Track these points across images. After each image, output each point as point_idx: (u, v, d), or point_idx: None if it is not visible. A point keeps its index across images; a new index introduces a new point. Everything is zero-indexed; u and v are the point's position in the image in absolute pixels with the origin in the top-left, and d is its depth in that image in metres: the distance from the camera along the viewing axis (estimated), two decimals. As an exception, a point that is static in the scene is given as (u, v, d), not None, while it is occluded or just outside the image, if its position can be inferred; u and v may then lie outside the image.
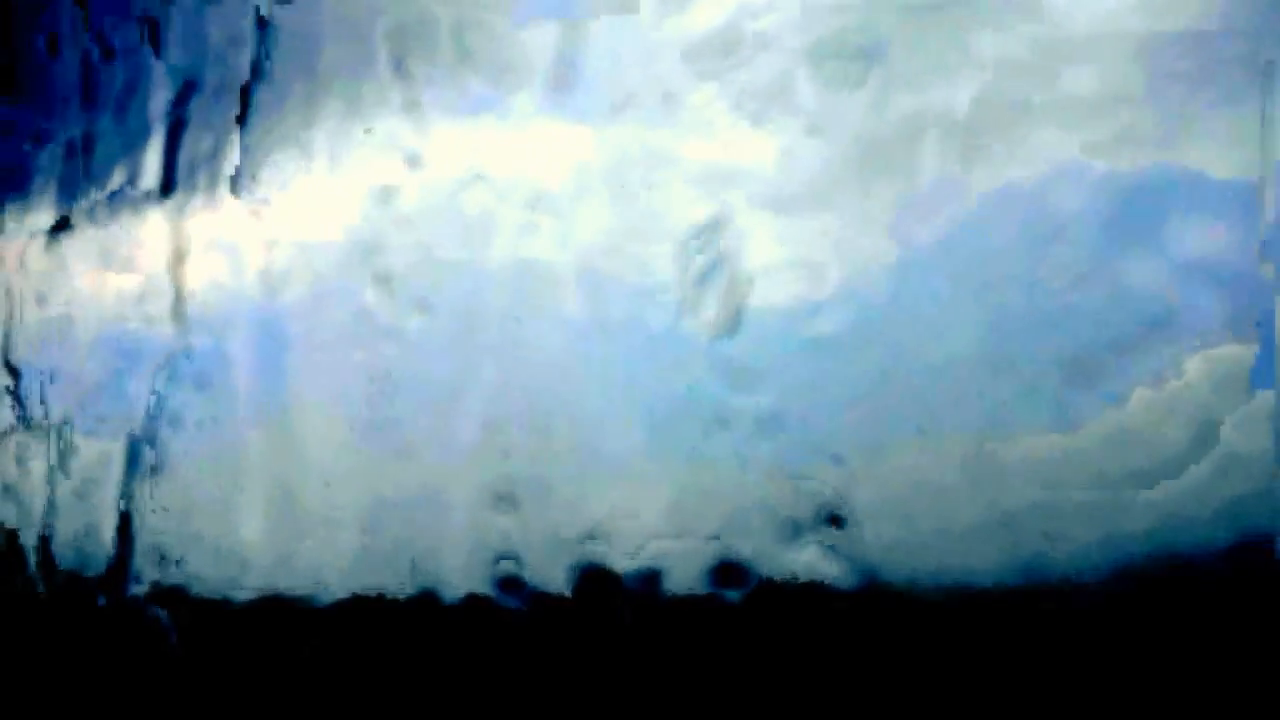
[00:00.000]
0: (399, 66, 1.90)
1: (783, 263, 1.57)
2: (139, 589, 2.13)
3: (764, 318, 1.58)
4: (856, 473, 1.51)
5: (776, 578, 1.55)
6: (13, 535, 2.34)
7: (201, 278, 2.12)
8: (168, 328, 2.15)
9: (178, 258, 2.15)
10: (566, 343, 1.72)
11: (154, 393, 2.14)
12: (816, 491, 1.53)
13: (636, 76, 1.67)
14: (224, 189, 2.10)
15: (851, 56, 1.53)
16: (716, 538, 1.59)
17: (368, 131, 1.92)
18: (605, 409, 1.68)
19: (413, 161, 1.88)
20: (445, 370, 1.82)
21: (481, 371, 1.79)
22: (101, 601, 2.18)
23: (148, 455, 2.14)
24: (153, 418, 2.14)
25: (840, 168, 1.53)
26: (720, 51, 1.62)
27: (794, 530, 1.54)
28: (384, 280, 1.87)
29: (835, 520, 1.52)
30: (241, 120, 2.08)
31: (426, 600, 1.81)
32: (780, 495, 1.56)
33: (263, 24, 2.06)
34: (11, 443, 2.37)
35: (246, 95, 2.07)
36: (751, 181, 1.59)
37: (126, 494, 2.16)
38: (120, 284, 2.24)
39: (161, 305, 2.16)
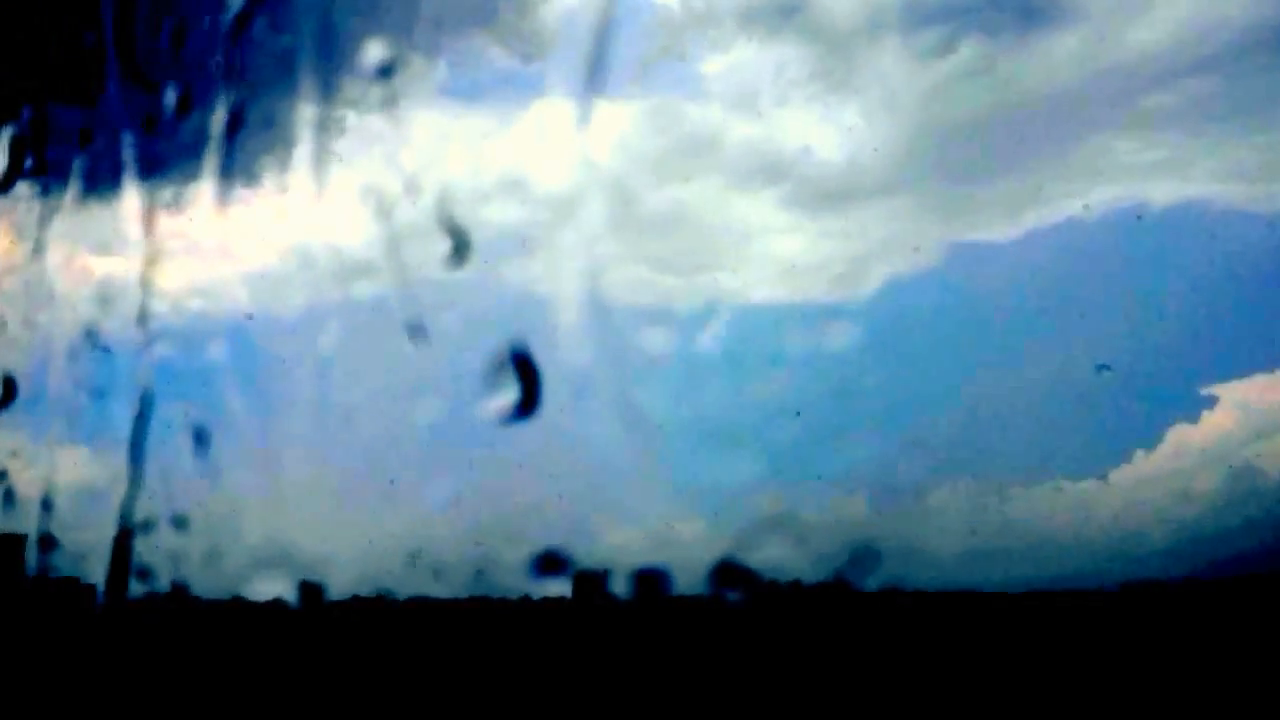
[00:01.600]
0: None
1: (814, 258, 1.56)
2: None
3: (785, 317, 1.59)
4: (862, 475, 1.52)
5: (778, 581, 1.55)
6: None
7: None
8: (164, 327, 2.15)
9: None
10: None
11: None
12: (824, 493, 1.54)
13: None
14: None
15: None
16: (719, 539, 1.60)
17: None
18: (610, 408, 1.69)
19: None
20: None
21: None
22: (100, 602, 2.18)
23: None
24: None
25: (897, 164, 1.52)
26: None
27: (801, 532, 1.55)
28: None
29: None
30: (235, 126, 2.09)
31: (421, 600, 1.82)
32: (788, 496, 1.57)
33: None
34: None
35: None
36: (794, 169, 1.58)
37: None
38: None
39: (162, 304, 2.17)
